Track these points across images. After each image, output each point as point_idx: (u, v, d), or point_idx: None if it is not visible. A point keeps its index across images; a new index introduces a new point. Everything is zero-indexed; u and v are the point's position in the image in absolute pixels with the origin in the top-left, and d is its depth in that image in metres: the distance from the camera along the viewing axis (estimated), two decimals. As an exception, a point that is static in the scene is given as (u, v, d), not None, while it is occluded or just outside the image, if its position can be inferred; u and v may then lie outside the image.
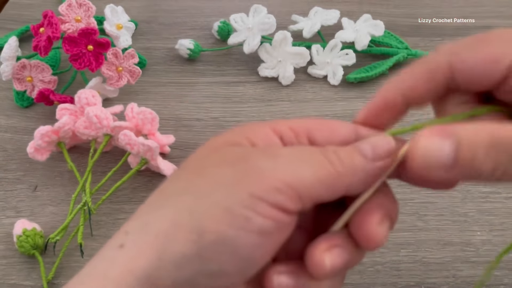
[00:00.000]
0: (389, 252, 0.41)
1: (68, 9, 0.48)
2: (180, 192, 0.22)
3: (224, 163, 0.22)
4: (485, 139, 0.20)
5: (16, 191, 0.45)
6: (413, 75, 0.24)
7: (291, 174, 0.21)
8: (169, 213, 0.22)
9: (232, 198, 0.21)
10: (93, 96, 0.46)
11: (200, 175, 0.22)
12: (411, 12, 0.65)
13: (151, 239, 0.21)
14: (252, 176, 0.21)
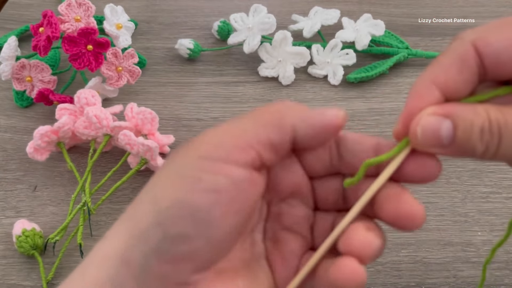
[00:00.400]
0: (389, 252, 0.41)
1: (68, 8, 0.48)
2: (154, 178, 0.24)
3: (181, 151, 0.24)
4: (479, 122, 0.21)
5: (16, 191, 0.45)
6: (443, 67, 0.22)
7: (234, 129, 0.23)
8: (140, 195, 0.24)
9: (183, 165, 0.22)
10: (92, 96, 0.46)
11: (164, 167, 0.24)
12: (411, 12, 0.65)
13: (123, 223, 0.24)
14: (200, 145, 0.23)
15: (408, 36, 0.61)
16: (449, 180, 0.46)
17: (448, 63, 0.22)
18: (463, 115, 0.21)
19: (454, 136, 0.21)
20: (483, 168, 0.46)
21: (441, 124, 0.21)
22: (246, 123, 0.23)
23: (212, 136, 0.23)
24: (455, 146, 0.22)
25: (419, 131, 0.22)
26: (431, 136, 0.22)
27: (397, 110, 0.52)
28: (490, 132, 0.21)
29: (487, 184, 0.45)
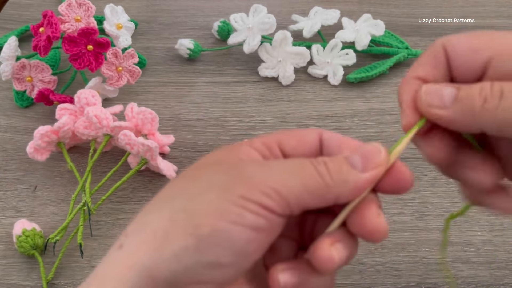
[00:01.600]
0: (389, 252, 0.41)
1: (68, 8, 0.48)
2: (176, 195, 0.24)
3: (218, 170, 0.24)
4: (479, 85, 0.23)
5: (16, 191, 0.45)
6: (422, 65, 0.26)
7: (280, 182, 0.23)
8: (165, 213, 0.24)
9: (224, 198, 0.23)
10: (92, 96, 0.46)
11: (194, 181, 0.25)
12: (411, 12, 0.65)
13: (149, 237, 0.23)
14: (243, 181, 0.23)
15: (408, 36, 0.61)
16: (449, 180, 0.46)
17: (425, 61, 0.25)
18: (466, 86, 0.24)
19: (456, 95, 0.24)
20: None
21: (444, 88, 0.24)
22: (293, 179, 0.23)
23: (258, 176, 0.23)
24: (456, 105, 0.23)
25: (423, 91, 0.24)
26: (434, 95, 0.24)
27: (397, 110, 0.52)
28: (491, 89, 0.23)
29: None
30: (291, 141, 0.26)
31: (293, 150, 0.26)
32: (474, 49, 0.24)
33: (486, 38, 0.24)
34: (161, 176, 0.46)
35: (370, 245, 0.41)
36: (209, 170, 0.25)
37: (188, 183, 0.25)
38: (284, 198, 0.23)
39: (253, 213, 0.22)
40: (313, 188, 0.23)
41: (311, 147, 0.26)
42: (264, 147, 0.26)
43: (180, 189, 0.25)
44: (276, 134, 0.27)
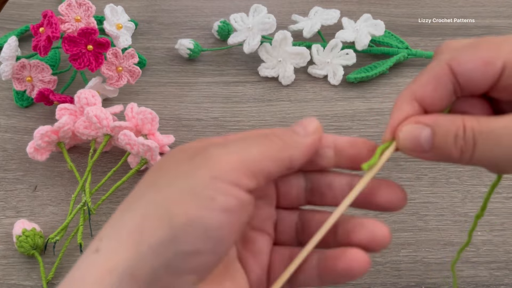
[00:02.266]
0: (389, 252, 0.41)
1: (68, 8, 0.48)
2: (145, 191, 0.24)
3: (182, 159, 0.24)
4: (454, 129, 0.24)
5: (16, 191, 0.45)
6: (421, 84, 0.25)
7: (242, 154, 0.24)
8: (138, 209, 0.23)
9: (195, 183, 0.23)
10: (93, 96, 0.46)
11: (161, 174, 0.24)
12: (411, 12, 0.65)
13: (124, 237, 0.23)
14: (209, 162, 0.23)
15: (408, 36, 0.61)
16: (449, 180, 0.46)
17: (425, 81, 0.25)
18: (441, 124, 0.24)
19: (432, 142, 0.24)
20: (483, 168, 0.46)
21: (422, 131, 0.25)
22: (252, 149, 0.24)
23: (221, 155, 0.23)
24: (434, 151, 0.24)
25: (401, 136, 0.25)
26: (412, 141, 0.25)
27: (397, 110, 0.52)
28: (464, 138, 0.24)
29: (487, 184, 0.45)
30: None
31: None
32: (484, 63, 0.24)
33: (492, 47, 0.24)
34: (161, 176, 0.46)
35: (370, 245, 0.41)
36: (173, 160, 0.25)
37: (156, 178, 0.24)
38: (248, 168, 0.23)
39: (224, 195, 0.23)
40: (271, 152, 0.24)
41: None
42: None
43: (148, 184, 0.24)
44: None
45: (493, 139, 0.23)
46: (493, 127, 0.23)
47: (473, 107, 0.26)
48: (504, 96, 0.25)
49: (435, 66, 0.25)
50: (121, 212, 0.24)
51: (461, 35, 0.61)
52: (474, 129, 0.23)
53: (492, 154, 0.23)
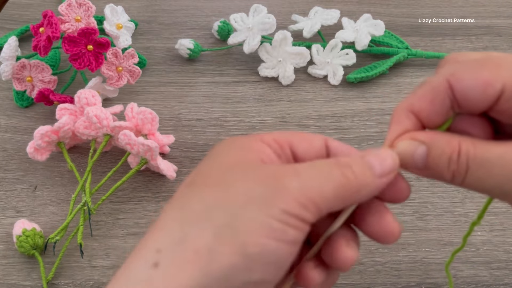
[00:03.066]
0: (389, 252, 0.41)
1: (68, 8, 0.48)
2: (213, 207, 0.23)
3: (252, 180, 0.23)
4: (448, 152, 0.24)
5: (16, 191, 0.45)
6: (418, 98, 0.25)
7: (315, 192, 0.23)
8: (207, 228, 0.22)
9: (267, 213, 0.22)
10: (93, 96, 0.46)
11: (229, 191, 0.23)
12: (411, 12, 0.65)
13: (190, 256, 0.22)
14: (282, 193, 0.23)
15: (408, 36, 0.61)
16: (449, 180, 0.46)
17: (422, 94, 0.25)
18: (437, 144, 0.24)
19: (427, 161, 0.24)
20: None
21: (417, 149, 0.25)
22: (324, 185, 0.23)
23: (294, 189, 0.23)
24: (427, 169, 0.25)
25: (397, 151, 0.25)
26: (406, 158, 0.25)
27: (397, 110, 0.52)
28: (457, 162, 0.24)
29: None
30: (302, 143, 0.26)
31: (304, 153, 0.26)
32: (483, 84, 0.23)
33: (493, 67, 0.24)
34: (161, 176, 0.46)
35: (370, 245, 0.41)
36: (240, 177, 0.24)
37: (222, 194, 0.23)
38: (319, 207, 0.23)
39: (294, 228, 0.23)
40: (343, 193, 0.24)
41: (320, 152, 0.26)
42: (276, 144, 0.26)
43: (214, 198, 0.23)
44: (286, 133, 0.26)
45: (485, 168, 0.23)
46: (487, 156, 0.23)
47: (474, 125, 0.25)
48: (503, 119, 0.25)
49: (434, 80, 0.25)
50: (180, 221, 0.23)
51: (461, 35, 0.61)
52: (468, 154, 0.24)
53: (482, 183, 0.24)
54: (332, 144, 0.27)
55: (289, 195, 0.23)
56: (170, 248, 0.22)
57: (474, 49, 0.59)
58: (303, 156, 0.26)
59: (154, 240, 0.23)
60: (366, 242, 0.41)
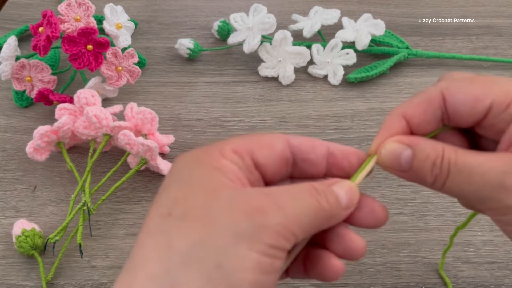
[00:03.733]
0: (389, 253, 0.40)
1: (68, 8, 0.48)
2: (198, 246, 0.22)
3: (237, 213, 0.23)
4: (433, 156, 0.25)
5: (16, 191, 0.45)
6: (412, 105, 0.27)
7: (296, 224, 0.24)
8: (196, 271, 0.22)
9: (255, 250, 0.23)
10: (92, 96, 0.46)
11: (215, 226, 0.23)
12: (411, 11, 0.65)
13: None
14: (267, 229, 0.23)
15: (408, 36, 0.61)
16: (449, 180, 0.45)
17: (417, 103, 0.27)
18: (422, 148, 0.26)
19: (411, 163, 0.26)
20: None
21: (403, 151, 0.26)
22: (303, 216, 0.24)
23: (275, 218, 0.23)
24: (412, 172, 0.26)
25: (383, 153, 0.27)
26: (392, 159, 0.26)
27: (397, 110, 0.52)
28: (440, 167, 0.25)
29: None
30: (263, 150, 0.26)
31: (266, 159, 0.26)
32: (474, 99, 0.25)
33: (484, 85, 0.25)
34: (161, 176, 0.46)
35: (370, 245, 0.41)
36: (224, 209, 0.23)
37: (208, 229, 0.23)
38: (297, 237, 0.24)
39: (279, 259, 0.23)
40: (317, 222, 0.25)
41: (282, 155, 0.27)
42: (236, 156, 0.26)
43: (200, 236, 0.23)
44: (245, 140, 0.27)
45: (464, 174, 0.25)
46: (467, 163, 0.25)
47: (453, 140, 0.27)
48: (488, 134, 0.26)
49: (430, 90, 0.26)
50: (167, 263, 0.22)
51: (462, 35, 0.61)
52: (450, 160, 0.25)
53: (461, 189, 0.25)
54: (294, 143, 0.27)
55: (274, 230, 0.23)
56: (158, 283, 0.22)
57: (475, 48, 0.59)
58: (265, 163, 0.26)
59: (140, 284, 0.22)
60: (367, 243, 0.41)
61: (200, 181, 0.25)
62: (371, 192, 0.45)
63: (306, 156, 0.27)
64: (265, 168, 0.26)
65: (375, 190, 0.45)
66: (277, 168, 0.27)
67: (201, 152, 0.26)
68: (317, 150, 0.27)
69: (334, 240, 0.26)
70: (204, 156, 0.26)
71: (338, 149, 0.28)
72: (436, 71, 0.56)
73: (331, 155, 0.27)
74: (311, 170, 0.27)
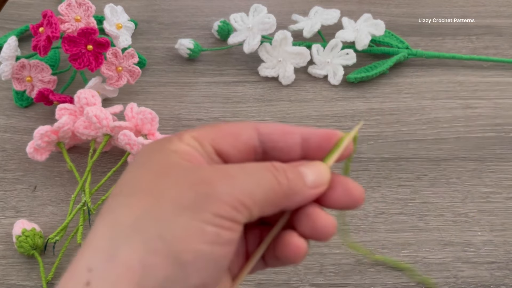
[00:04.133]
0: (389, 253, 0.40)
1: (68, 8, 0.48)
2: (141, 218, 0.22)
3: (182, 186, 0.23)
4: None
5: (16, 191, 0.45)
6: None
7: (247, 195, 0.23)
8: (138, 242, 0.22)
9: (199, 219, 0.22)
10: (92, 96, 0.46)
11: (158, 199, 0.23)
12: (411, 12, 0.65)
13: (123, 272, 0.21)
14: (212, 198, 0.23)
15: (408, 36, 0.61)
16: (449, 180, 0.46)
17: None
18: None
19: None
20: (484, 168, 0.46)
21: None
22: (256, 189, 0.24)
23: (226, 195, 0.23)
24: None
25: None
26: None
27: (397, 110, 0.52)
28: None
29: (487, 184, 0.45)
30: (227, 138, 0.26)
31: (230, 148, 0.26)
32: None
33: None
34: (161, 176, 0.46)
35: (370, 245, 0.41)
36: (171, 183, 0.23)
37: (152, 201, 0.23)
38: (250, 210, 0.23)
39: (227, 230, 0.23)
40: (273, 198, 0.24)
41: (248, 143, 0.26)
42: (195, 142, 0.25)
43: (144, 209, 0.23)
44: (208, 129, 0.26)
45: None
46: None
47: None
48: None
49: None
50: (109, 235, 0.22)
51: (462, 35, 0.61)
52: None
53: None
54: (264, 131, 0.26)
55: (220, 199, 0.23)
56: (101, 266, 0.21)
57: (475, 48, 0.59)
58: (228, 151, 0.26)
59: (85, 259, 0.22)
60: (367, 243, 0.41)
61: (154, 163, 0.25)
62: (371, 192, 0.45)
63: (277, 145, 0.26)
64: (228, 155, 0.26)
65: (375, 190, 0.45)
66: (243, 156, 0.26)
67: (163, 140, 0.26)
68: (288, 137, 0.26)
69: (301, 219, 0.26)
70: (163, 142, 0.25)
71: (314, 133, 0.27)
72: (436, 71, 0.56)
73: (305, 141, 0.26)
74: (284, 158, 0.27)
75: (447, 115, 0.51)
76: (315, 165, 0.26)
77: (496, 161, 0.47)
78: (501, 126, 0.50)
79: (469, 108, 0.52)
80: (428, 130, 0.50)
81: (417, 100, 0.53)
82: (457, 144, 0.49)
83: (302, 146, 0.26)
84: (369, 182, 0.45)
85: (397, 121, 0.51)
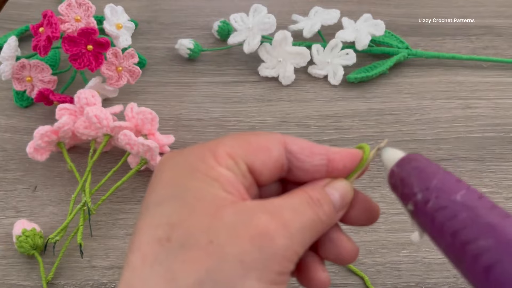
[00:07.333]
0: (389, 253, 0.41)
1: (68, 8, 0.48)
2: (205, 280, 0.21)
3: (243, 239, 0.22)
4: None
5: (16, 191, 0.45)
6: None
7: (300, 244, 0.24)
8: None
9: (267, 280, 0.22)
10: (92, 96, 0.46)
11: (223, 257, 0.22)
12: (411, 12, 0.65)
13: None
14: (277, 257, 0.22)
15: (408, 36, 0.61)
16: (449, 180, 0.45)
17: None
18: None
19: None
20: (484, 168, 0.46)
21: None
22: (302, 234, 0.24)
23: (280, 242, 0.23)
24: None
25: None
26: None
27: (397, 110, 0.52)
28: None
29: (487, 184, 0.45)
30: (259, 155, 0.25)
31: (262, 165, 0.25)
32: None
33: None
34: (161, 176, 0.46)
35: (370, 245, 0.41)
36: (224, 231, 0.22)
37: (215, 260, 0.21)
38: (300, 256, 0.24)
39: (285, 283, 0.23)
40: (317, 235, 0.25)
41: (278, 161, 0.26)
42: (231, 161, 0.24)
43: (207, 268, 0.21)
44: (241, 144, 0.25)
45: None
46: None
47: None
48: None
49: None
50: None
51: (462, 35, 0.61)
52: None
53: None
54: (292, 149, 0.26)
55: (283, 256, 0.23)
56: None
57: (475, 49, 0.59)
58: (260, 169, 0.25)
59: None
60: (367, 243, 0.41)
61: (197, 197, 0.23)
62: (371, 192, 0.45)
63: (303, 165, 0.26)
64: (260, 173, 0.25)
65: (375, 190, 0.45)
66: (272, 174, 0.26)
67: (193, 156, 0.24)
68: (316, 159, 0.26)
69: (326, 245, 0.26)
70: (196, 162, 0.24)
71: (339, 153, 0.26)
72: (436, 71, 0.56)
73: (331, 161, 0.26)
74: (308, 178, 0.26)
75: (447, 115, 0.51)
76: (341, 185, 0.26)
77: (496, 161, 0.47)
78: (501, 126, 0.50)
79: (469, 108, 0.52)
80: (428, 130, 0.50)
81: (417, 100, 0.53)
82: (457, 144, 0.49)
83: (327, 166, 0.26)
84: (369, 182, 0.45)
85: (397, 121, 0.51)
